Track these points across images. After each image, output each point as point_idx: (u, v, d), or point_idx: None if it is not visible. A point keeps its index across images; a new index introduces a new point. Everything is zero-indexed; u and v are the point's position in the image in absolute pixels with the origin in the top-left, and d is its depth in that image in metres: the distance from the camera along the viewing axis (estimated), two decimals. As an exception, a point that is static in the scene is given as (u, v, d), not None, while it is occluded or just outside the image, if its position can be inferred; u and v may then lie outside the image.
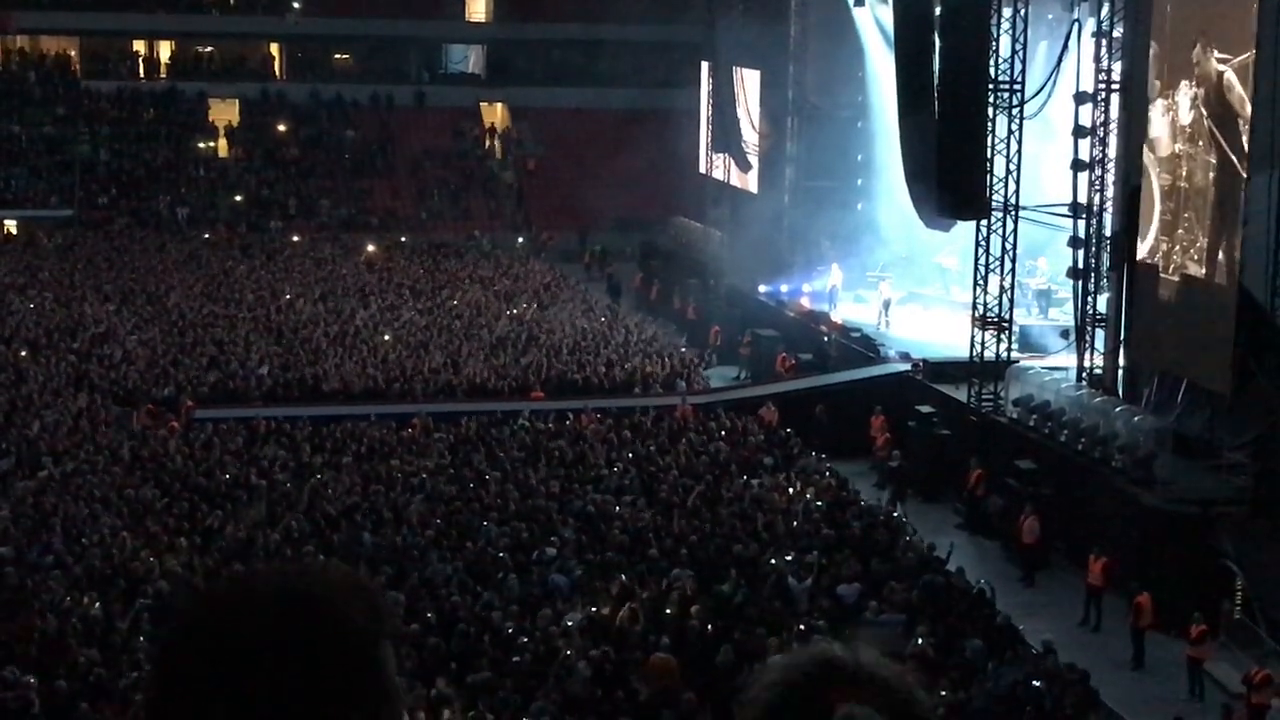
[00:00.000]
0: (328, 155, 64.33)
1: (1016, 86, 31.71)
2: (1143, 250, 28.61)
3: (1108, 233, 30.58)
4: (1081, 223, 30.61)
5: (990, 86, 31.55)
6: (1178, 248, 27.38)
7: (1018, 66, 31.66)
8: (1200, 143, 26.50)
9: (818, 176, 44.83)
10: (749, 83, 48.61)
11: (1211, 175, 26.19)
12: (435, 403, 33.28)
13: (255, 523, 24.43)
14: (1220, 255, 26.14)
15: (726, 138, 49.22)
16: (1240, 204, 25.57)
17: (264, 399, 33.54)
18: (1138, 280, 29.19)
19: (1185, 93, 26.87)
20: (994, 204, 31.92)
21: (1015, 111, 31.84)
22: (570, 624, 20.24)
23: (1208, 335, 26.48)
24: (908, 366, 34.48)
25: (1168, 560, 24.25)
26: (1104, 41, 30.31)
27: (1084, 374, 30.67)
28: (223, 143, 64.92)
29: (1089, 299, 30.71)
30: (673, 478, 27.46)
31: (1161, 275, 27.92)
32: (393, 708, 1.86)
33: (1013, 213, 31.92)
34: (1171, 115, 27.38)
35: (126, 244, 54.02)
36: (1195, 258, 26.82)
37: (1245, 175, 25.31)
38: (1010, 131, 31.81)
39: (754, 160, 48.51)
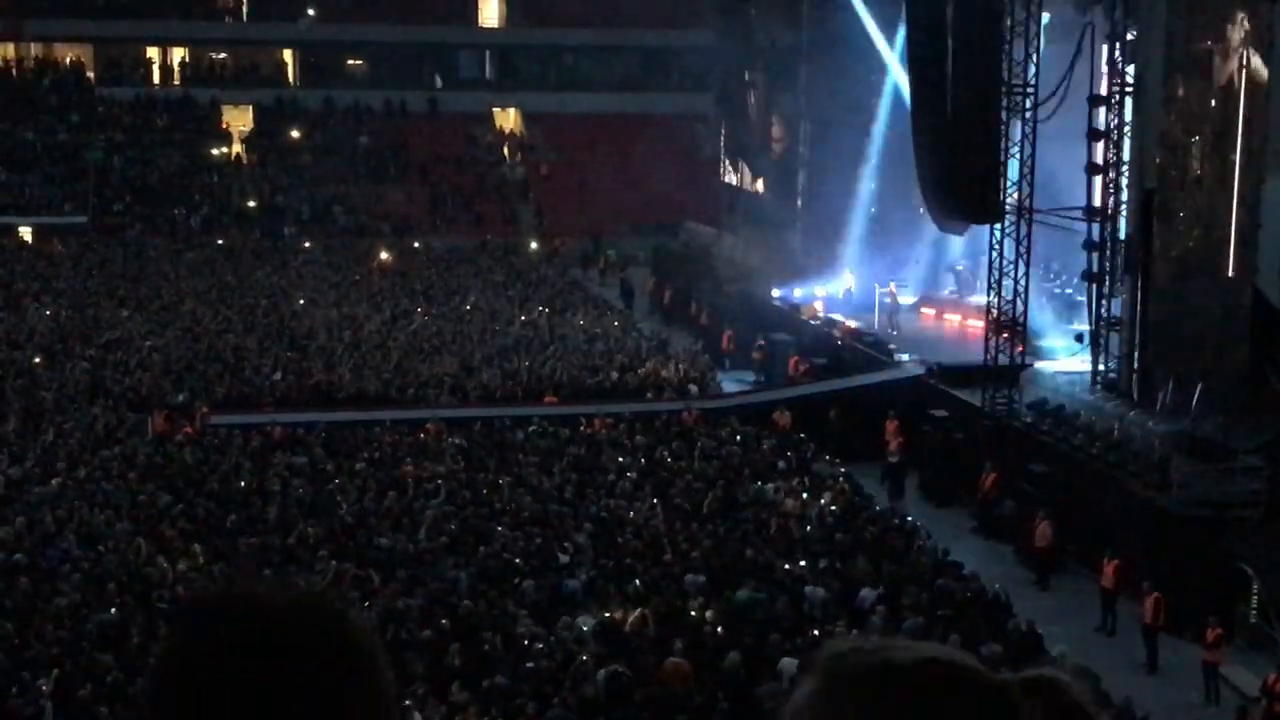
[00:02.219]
0: (341, 161, 64.45)
1: (1029, 90, 31.68)
2: (1173, 249, 28.45)
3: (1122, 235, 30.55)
4: (1096, 226, 30.59)
5: (1003, 89, 31.51)
6: (1202, 245, 27.28)
7: (1030, 70, 31.62)
8: (1227, 139, 26.40)
9: (830, 181, 44.82)
10: (761, 87, 48.62)
11: (1237, 172, 26.11)
12: (448, 408, 33.29)
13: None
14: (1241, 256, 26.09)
15: (739, 142, 49.24)
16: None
17: (278, 404, 33.57)
18: (1155, 281, 29.12)
19: (1214, 87, 26.76)
20: (1007, 207, 31.88)
21: (1028, 115, 31.81)
22: (585, 629, 20.24)
23: (1225, 336, 26.43)
24: (921, 370, 34.43)
25: (1183, 564, 24.17)
26: (1117, 44, 30.27)
27: (1098, 377, 30.61)
28: (236, 149, 65.08)
29: (1104, 302, 30.65)
30: (686, 482, 27.46)
31: (1187, 275, 27.81)
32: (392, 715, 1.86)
33: (1026, 216, 31.87)
34: (1199, 109, 27.27)
35: (140, 250, 54.17)
36: (1222, 256, 26.71)
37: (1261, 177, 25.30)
38: (1024, 135, 31.78)
39: (766, 165, 48.52)
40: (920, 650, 1.72)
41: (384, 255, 53.96)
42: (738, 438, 30.99)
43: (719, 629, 20.49)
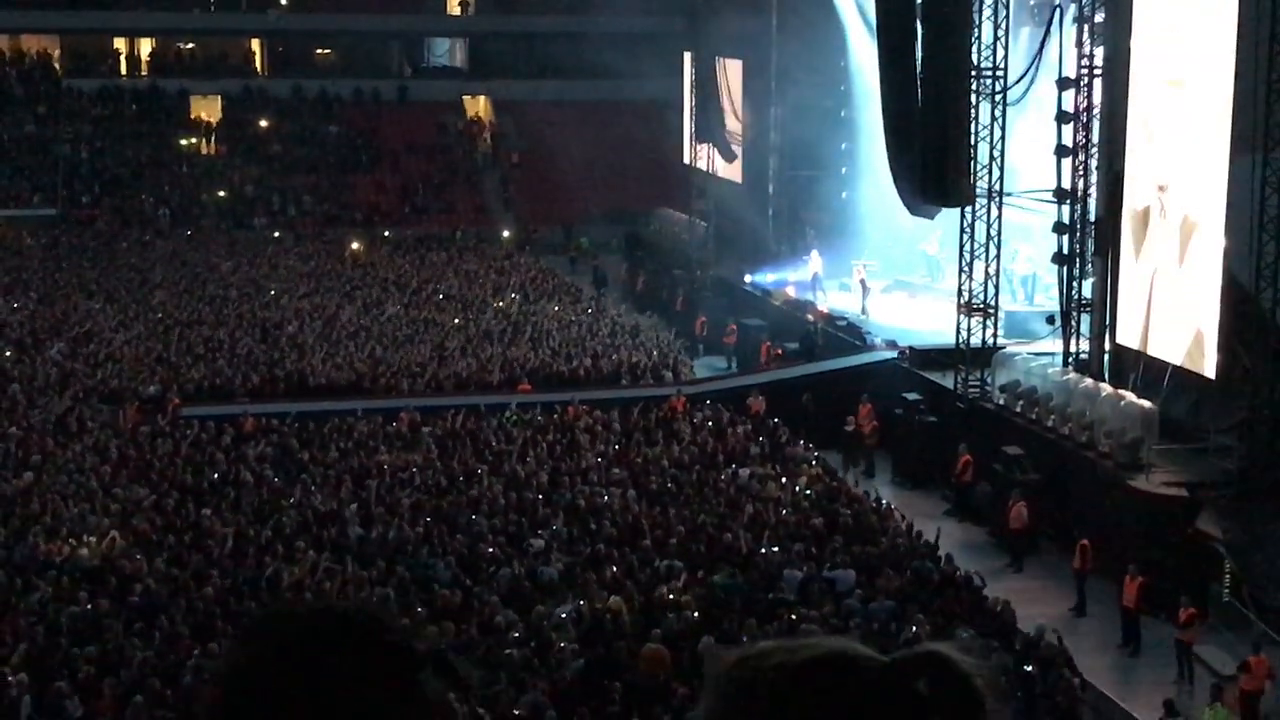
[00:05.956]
0: (311, 151, 64.20)
1: (999, 73, 31.73)
2: (1144, 232, 28.57)
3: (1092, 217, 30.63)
4: (1066, 208, 30.67)
5: (973, 73, 31.55)
6: (1171, 228, 27.41)
7: (1000, 53, 31.67)
8: (1195, 120, 26.51)
9: (801, 166, 44.87)
10: (732, 73, 48.65)
11: (1206, 155, 26.22)
12: (422, 397, 33.22)
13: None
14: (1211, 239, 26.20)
15: (710, 128, 49.20)
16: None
17: (250, 395, 33.46)
18: (1123, 264, 29.24)
19: (1187, 70, 26.87)
20: (978, 190, 31.94)
21: (999, 98, 31.86)
22: (562, 616, 20.24)
23: (1196, 318, 26.54)
24: (894, 354, 34.51)
25: (1156, 544, 24.29)
26: (1086, 27, 30.34)
27: (1070, 359, 30.73)
28: (205, 139, 64.75)
29: (1074, 284, 30.77)
30: (662, 468, 27.47)
31: (1158, 257, 27.95)
32: None
33: (997, 199, 31.95)
34: (1173, 92, 27.37)
35: (110, 242, 53.90)
36: (1191, 239, 26.83)
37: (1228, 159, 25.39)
38: (994, 118, 31.83)
39: (738, 150, 48.54)
40: (808, 650, 1.76)
41: (355, 245, 53.82)
42: (710, 423, 31.03)
43: (694, 614, 20.50)
